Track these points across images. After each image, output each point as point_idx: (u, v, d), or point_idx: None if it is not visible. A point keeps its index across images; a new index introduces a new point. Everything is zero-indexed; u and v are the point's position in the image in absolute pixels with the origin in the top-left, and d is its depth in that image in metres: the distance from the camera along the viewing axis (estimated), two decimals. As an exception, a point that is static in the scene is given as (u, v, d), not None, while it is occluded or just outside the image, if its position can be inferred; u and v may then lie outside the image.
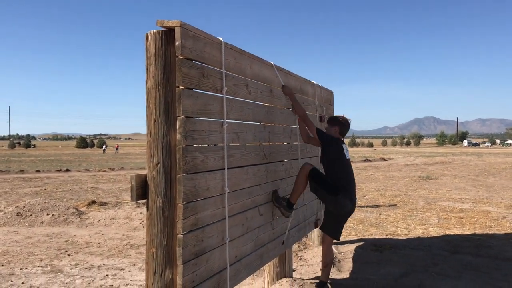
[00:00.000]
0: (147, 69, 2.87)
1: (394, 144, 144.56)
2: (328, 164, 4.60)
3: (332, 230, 4.84)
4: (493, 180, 19.68)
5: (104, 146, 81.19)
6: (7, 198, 14.28)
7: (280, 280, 5.29)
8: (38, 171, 26.16)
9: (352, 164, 5.01)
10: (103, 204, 12.10)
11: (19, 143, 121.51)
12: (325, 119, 6.34)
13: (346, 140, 5.46)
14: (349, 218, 10.19)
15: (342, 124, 4.76)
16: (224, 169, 3.34)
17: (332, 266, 6.13)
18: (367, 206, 12.06)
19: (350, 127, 4.98)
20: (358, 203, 12.52)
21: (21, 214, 10.03)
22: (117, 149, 73.50)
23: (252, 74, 3.99)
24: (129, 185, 2.90)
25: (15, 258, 6.93)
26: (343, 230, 8.72)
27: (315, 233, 7.29)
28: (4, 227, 9.37)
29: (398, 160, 38.75)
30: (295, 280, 5.30)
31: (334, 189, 4.44)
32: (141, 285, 5.57)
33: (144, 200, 2.93)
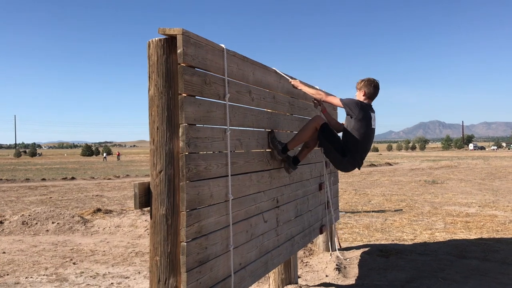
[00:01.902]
0: (149, 77, 2.88)
1: (399, 149, 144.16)
2: (351, 133, 4.18)
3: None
4: (499, 184, 19.55)
5: (104, 154, 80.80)
6: (12, 206, 14.33)
7: (285, 287, 5.27)
8: (43, 179, 26.25)
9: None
10: (108, 212, 12.11)
11: (25, 152, 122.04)
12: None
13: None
14: (355, 224, 10.15)
15: (369, 85, 4.30)
16: (227, 176, 3.34)
17: (339, 270, 6.10)
18: (372, 211, 12.00)
19: None
20: (364, 208, 12.48)
21: (27, 223, 10.05)
22: (118, 156, 73.27)
23: (255, 80, 3.99)
24: (133, 193, 2.89)
25: (21, 267, 6.93)
26: (349, 236, 8.70)
27: (321, 239, 7.26)
28: (9, 236, 9.39)
29: (403, 165, 38.60)
30: (300, 287, 5.27)
31: (344, 151, 4.18)
32: (146, 293, 5.56)
33: (149, 208, 2.93)
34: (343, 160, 4.24)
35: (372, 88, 4.33)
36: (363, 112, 4.15)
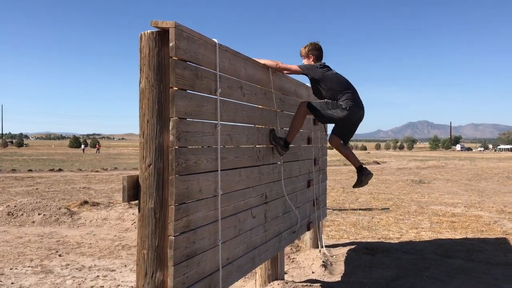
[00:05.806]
0: (140, 69, 2.86)
1: (387, 148, 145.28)
2: (328, 89, 4.51)
3: (344, 137, 4.81)
4: (485, 185, 19.79)
5: (82, 146, 79.54)
6: (-2, 197, 14.18)
7: (271, 283, 5.28)
8: (30, 170, 25.96)
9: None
10: (95, 204, 12.03)
11: (12, 142, 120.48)
12: (318, 123, 6.35)
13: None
14: (342, 221, 10.20)
15: (314, 49, 4.69)
16: (217, 171, 3.34)
17: (325, 267, 6.14)
18: (359, 209, 12.08)
19: None
20: (351, 206, 12.56)
21: (12, 214, 9.95)
22: (98, 149, 71.50)
23: (247, 76, 3.98)
24: (121, 186, 2.88)
25: (5, 258, 6.87)
26: (335, 233, 8.76)
27: (308, 236, 7.29)
28: (-6, 226, 9.29)
29: (391, 164, 38.87)
30: (286, 283, 5.29)
31: (341, 107, 4.46)
32: (132, 287, 5.54)
33: (137, 201, 2.92)
34: (347, 113, 4.47)
35: (318, 50, 4.71)
36: (320, 66, 4.53)
